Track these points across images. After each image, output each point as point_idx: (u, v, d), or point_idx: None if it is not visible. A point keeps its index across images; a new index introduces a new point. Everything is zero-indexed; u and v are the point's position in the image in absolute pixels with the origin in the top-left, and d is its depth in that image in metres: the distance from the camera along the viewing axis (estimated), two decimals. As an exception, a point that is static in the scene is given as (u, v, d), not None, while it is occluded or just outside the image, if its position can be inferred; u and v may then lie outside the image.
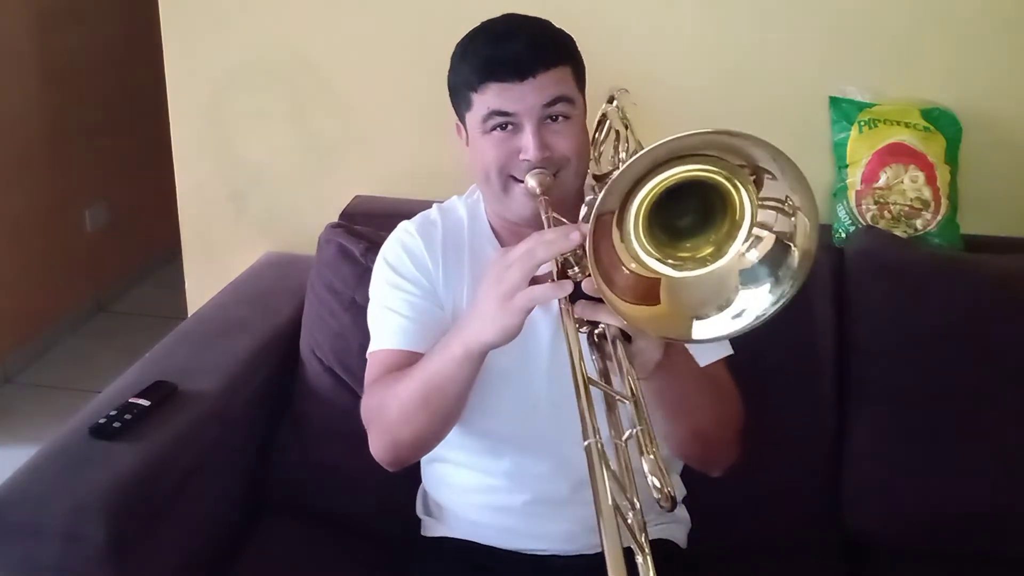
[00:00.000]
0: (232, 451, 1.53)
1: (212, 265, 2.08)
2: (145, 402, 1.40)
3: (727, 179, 0.86)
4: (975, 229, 1.74)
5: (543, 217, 1.09)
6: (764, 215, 0.87)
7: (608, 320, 0.94)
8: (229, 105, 1.98)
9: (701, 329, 0.90)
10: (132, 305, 3.48)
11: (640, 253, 0.89)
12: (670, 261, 0.90)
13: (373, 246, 1.41)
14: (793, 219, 0.85)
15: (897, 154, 1.70)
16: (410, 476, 1.47)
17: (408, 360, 1.20)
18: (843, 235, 1.73)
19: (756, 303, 0.88)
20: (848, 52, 1.76)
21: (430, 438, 1.20)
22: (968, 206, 1.74)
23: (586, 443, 0.83)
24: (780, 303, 0.87)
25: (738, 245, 0.88)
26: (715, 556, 1.42)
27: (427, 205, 1.42)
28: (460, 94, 1.23)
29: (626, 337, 0.96)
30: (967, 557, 1.48)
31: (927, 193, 1.69)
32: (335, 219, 1.76)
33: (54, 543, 1.23)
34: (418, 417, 1.14)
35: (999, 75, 1.73)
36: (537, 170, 1.15)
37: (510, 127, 1.17)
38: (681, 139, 0.79)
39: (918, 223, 1.70)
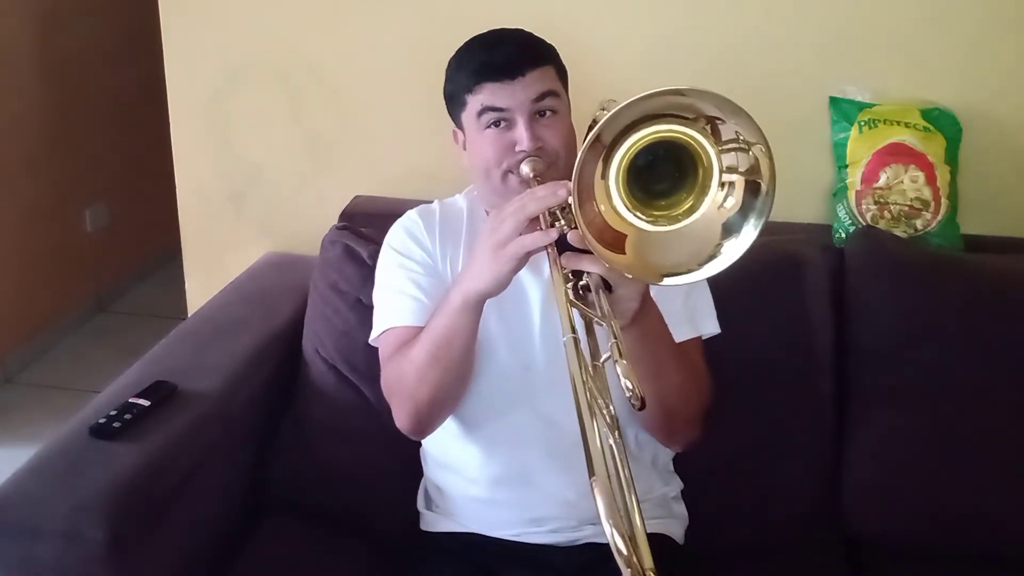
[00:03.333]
0: (232, 451, 1.53)
1: (212, 265, 2.08)
2: (145, 402, 1.41)
3: (691, 136, 0.92)
4: (975, 229, 1.74)
5: None
6: (728, 159, 0.93)
7: (592, 268, 1.01)
8: (229, 105, 1.99)
9: (674, 279, 0.96)
10: (132, 305, 3.47)
11: (622, 210, 0.95)
12: (644, 217, 0.95)
13: (379, 249, 1.43)
14: (751, 152, 0.91)
15: (897, 154, 1.70)
16: (411, 474, 1.48)
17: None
18: (843, 235, 1.73)
19: (741, 242, 0.93)
20: (848, 52, 1.76)
21: (446, 397, 1.26)
22: (968, 206, 1.74)
23: (564, 338, 0.92)
24: (760, 227, 0.92)
25: (714, 193, 0.94)
26: (714, 555, 1.43)
27: (427, 205, 1.45)
28: (456, 99, 1.31)
29: (607, 287, 1.03)
30: (967, 557, 1.48)
31: (927, 193, 1.69)
32: (335, 219, 1.76)
33: (54, 543, 1.23)
34: (431, 374, 1.20)
35: (999, 75, 1.73)
36: (531, 158, 1.24)
37: (503, 123, 1.26)
38: (640, 101, 0.88)
39: (918, 223, 1.70)
